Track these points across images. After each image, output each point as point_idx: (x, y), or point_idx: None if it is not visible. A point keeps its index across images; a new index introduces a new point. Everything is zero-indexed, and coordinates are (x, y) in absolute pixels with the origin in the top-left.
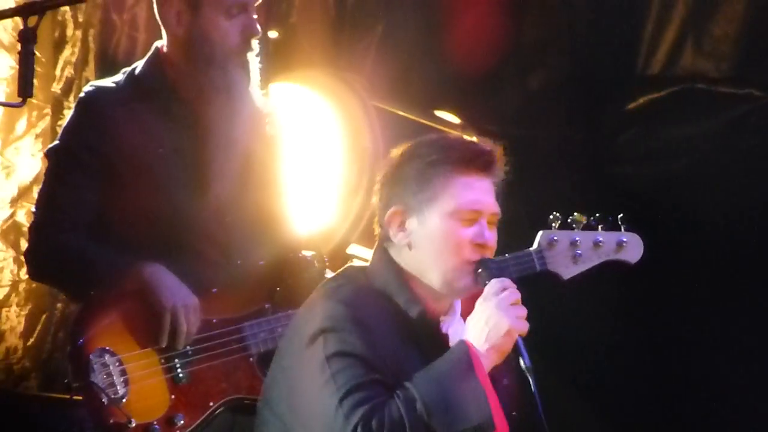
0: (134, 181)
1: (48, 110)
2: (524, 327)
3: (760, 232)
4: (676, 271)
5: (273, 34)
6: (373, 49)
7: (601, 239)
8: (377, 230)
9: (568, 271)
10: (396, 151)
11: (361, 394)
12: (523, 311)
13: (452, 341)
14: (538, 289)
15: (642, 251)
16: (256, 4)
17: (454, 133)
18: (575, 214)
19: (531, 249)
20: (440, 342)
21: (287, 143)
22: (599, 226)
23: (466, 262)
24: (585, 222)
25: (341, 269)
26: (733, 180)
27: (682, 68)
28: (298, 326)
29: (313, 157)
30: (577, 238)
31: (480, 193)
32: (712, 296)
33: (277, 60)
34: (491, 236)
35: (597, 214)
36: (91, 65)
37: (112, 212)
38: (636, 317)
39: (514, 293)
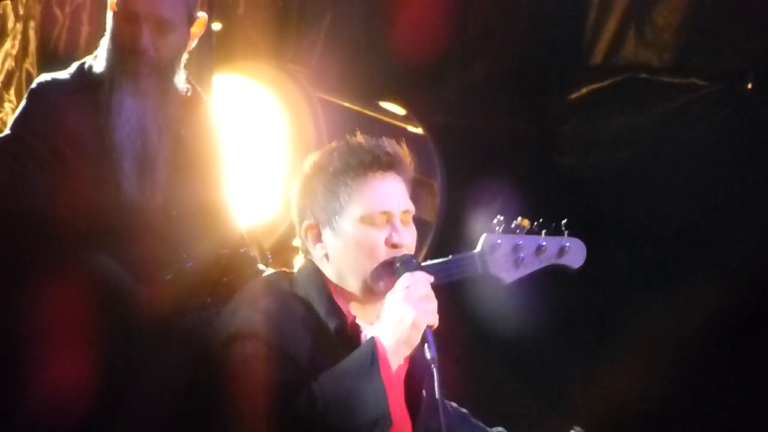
0: (82, 171)
1: None
2: (431, 319)
3: (704, 220)
4: (620, 261)
5: (216, 26)
6: (321, 41)
7: (543, 243)
8: (299, 242)
9: (509, 275)
10: (304, 163)
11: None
12: (432, 303)
13: None
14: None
15: (584, 256)
16: (167, 24)
17: (358, 137)
18: (518, 218)
19: (474, 251)
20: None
21: (230, 135)
22: (542, 231)
23: (383, 264)
24: (528, 226)
25: (267, 274)
26: (676, 169)
27: (625, 58)
28: (213, 332)
29: (257, 149)
30: (520, 242)
31: (386, 194)
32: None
33: (222, 51)
34: (405, 235)
35: (540, 219)
36: (32, 57)
37: (60, 202)
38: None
39: (422, 285)
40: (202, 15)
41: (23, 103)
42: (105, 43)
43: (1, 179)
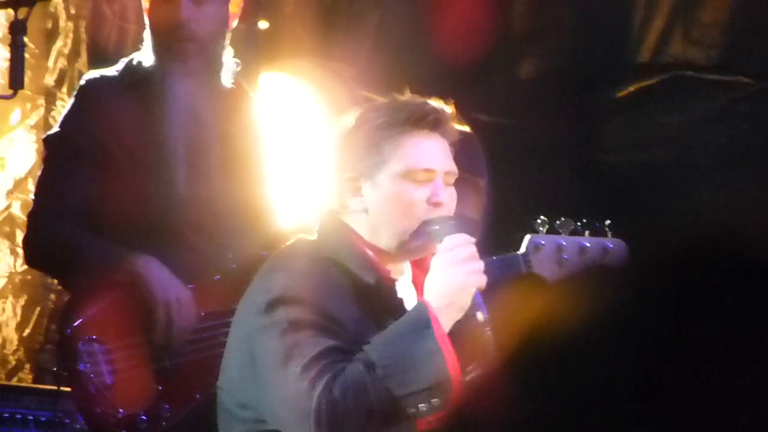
0: (129, 169)
1: (41, 101)
2: (479, 281)
3: (750, 220)
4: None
5: (263, 24)
6: (369, 39)
7: (587, 244)
8: (327, 198)
9: (553, 275)
10: (345, 118)
11: (322, 363)
12: (479, 265)
13: (406, 304)
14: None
15: (627, 258)
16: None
17: (406, 95)
18: (562, 218)
19: (518, 252)
20: (396, 306)
21: (276, 133)
22: (585, 232)
23: (420, 223)
24: (572, 227)
25: (290, 241)
26: (721, 167)
27: (671, 56)
28: (251, 300)
29: (301, 147)
30: (564, 243)
31: (431, 151)
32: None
33: (270, 50)
34: (447, 195)
35: (584, 220)
36: (83, 56)
37: (106, 200)
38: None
39: (467, 247)
40: None
41: (71, 100)
42: (147, 33)
43: (51, 177)
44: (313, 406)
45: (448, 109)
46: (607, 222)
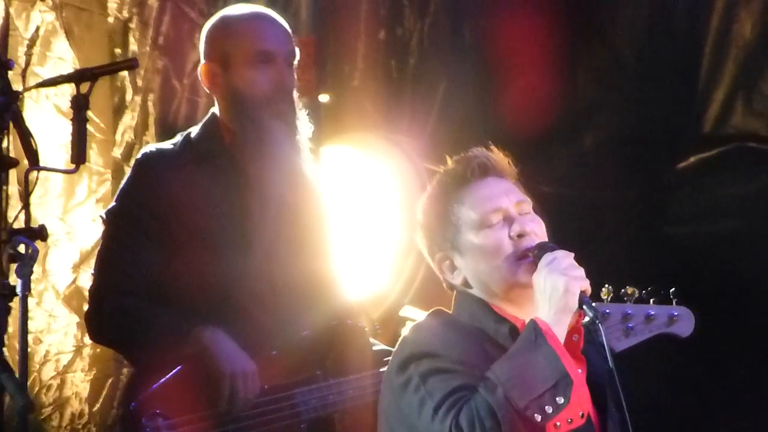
0: (188, 242)
1: (108, 175)
2: (583, 283)
3: None
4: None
5: (324, 97)
6: (434, 112)
7: (652, 313)
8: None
9: (620, 344)
10: (416, 214)
11: (450, 400)
12: (580, 269)
13: None
14: None
15: (693, 325)
16: (293, 60)
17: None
18: (627, 287)
19: (583, 321)
20: None
21: (339, 205)
22: (651, 300)
23: (514, 258)
24: (637, 295)
25: (429, 312)
26: None
27: (733, 127)
28: (389, 365)
29: (366, 220)
30: (629, 312)
31: (492, 193)
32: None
33: (336, 123)
34: (526, 223)
35: (649, 288)
36: (152, 130)
37: (166, 274)
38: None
39: (566, 255)
40: None
41: (129, 173)
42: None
43: (110, 251)
44: None
45: (491, 152)
46: (672, 289)
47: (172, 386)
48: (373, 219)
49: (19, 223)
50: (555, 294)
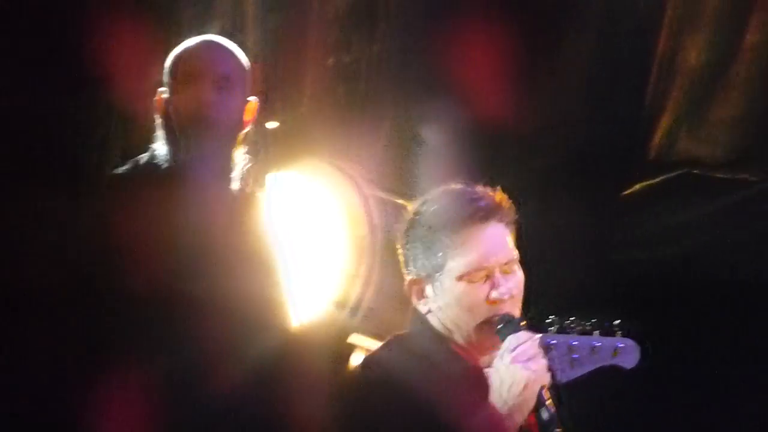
0: (143, 262)
1: None
2: (544, 378)
3: (760, 319)
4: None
5: (272, 124)
6: (383, 137)
7: (597, 344)
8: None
9: (565, 375)
10: (406, 214)
11: None
12: (542, 362)
13: None
14: None
15: (638, 357)
16: (227, 83)
17: (460, 186)
18: (572, 318)
19: None
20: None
21: (285, 230)
22: (596, 331)
23: (485, 322)
24: (582, 326)
25: (384, 342)
26: (731, 265)
27: (678, 153)
28: (342, 401)
29: (311, 246)
30: (574, 343)
31: (486, 247)
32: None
33: (282, 149)
34: (507, 286)
35: (594, 320)
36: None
37: (119, 301)
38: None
39: (530, 347)
40: (253, 99)
41: (93, 197)
42: (159, 125)
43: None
44: None
45: (498, 195)
46: (617, 321)
47: None
48: (320, 245)
49: None
50: (514, 387)
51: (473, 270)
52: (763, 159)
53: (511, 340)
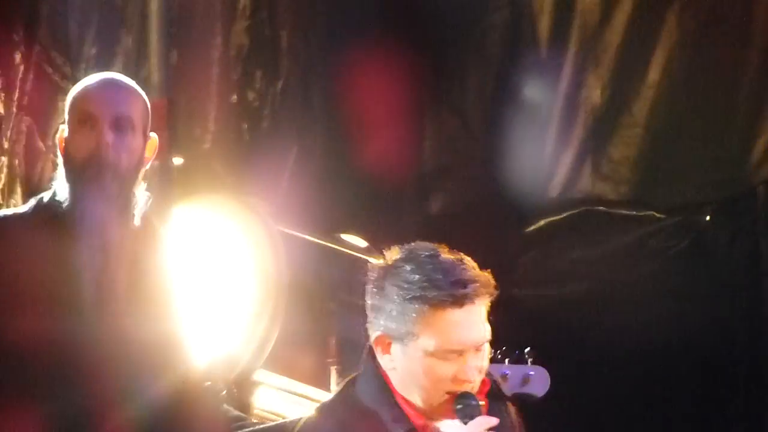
0: (30, 306)
1: None
2: None
3: (661, 354)
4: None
5: (177, 160)
6: (287, 174)
7: (507, 372)
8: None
9: None
10: (384, 260)
11: None
12: None
13: None
14: None
15: (548, 385)
16: (126, 123)
17: (445, 256)
18: None
19: None
20: None
21: (190, 267)
22: (506, 360)
23: (447, 395)
24: (491, 355)
25: (339, 389)
26: (634, 302)
27: (581, 191)
28: None
29: (217, 282)
30: None
31: (463, 330)
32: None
33: (187, 185)
34: (474, 369)
35: (503, 348)
36: (18, 192)
37: (19, 335)
38: None
39: (486, 426)
40: (153, 136)
41: None
42: (61, 164)
43: None
44: None
45: (482, 276)
46: (527, 349)
47: None
48: (225, 281)
49: None
50: None
51: (446, 350)
52: (665, 196)
53: (471, 427)
